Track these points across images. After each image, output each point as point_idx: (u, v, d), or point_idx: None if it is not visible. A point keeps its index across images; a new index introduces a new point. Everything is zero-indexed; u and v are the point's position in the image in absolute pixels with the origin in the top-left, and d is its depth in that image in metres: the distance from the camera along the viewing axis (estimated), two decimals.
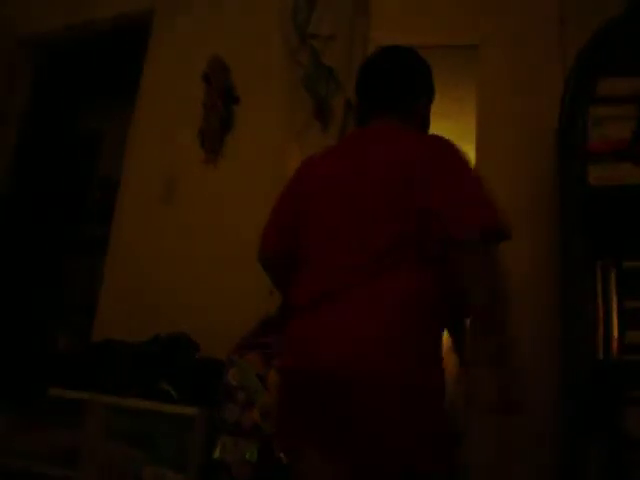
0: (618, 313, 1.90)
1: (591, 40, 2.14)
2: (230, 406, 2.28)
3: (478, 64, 2.71)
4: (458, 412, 2.26)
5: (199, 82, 3.23)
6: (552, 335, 2.16)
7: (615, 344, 1.88)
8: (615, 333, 1.89)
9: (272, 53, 3.04)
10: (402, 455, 1.45)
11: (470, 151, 2.62)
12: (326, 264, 1.63)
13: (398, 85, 1.82)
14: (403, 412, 1.44)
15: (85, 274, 4.33)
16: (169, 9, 3.56)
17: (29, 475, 2.63)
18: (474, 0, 2.82)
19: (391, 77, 1.83)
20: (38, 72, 4.21)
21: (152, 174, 3.32)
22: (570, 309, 2.00)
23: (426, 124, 1.85)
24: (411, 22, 2.82)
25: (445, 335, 1.66)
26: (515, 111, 2.59)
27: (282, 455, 2.17)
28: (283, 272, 1.82)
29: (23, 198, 4.22)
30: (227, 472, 2.22)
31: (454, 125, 2.45)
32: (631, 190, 1.95)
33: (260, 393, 2.24)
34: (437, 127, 1.84)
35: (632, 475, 1.79)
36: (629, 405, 1.83)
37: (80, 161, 5.01)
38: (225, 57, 3.21)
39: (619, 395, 1.85)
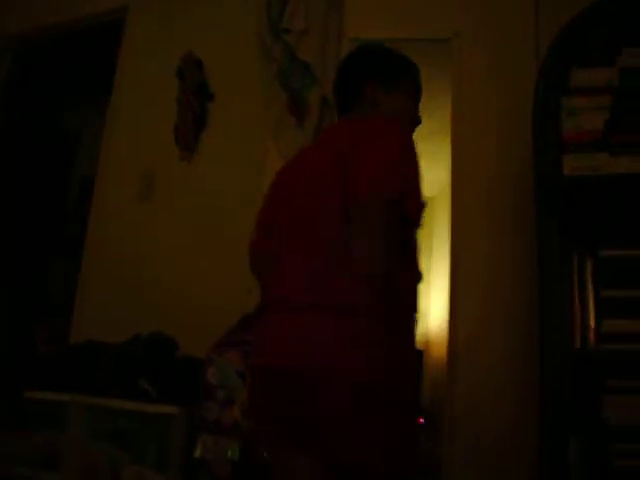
0: (595, 302, 1.90)
1: (563, 30, 2.15)
2: (210, 404, 2.26)
3: (452, 57, 2.71)
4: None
5: (173, 78, 3.21)
6: (529, 325, 2.16)
7: (592, 333, 1.88)
8: (592, 322, 1.89)
9: (246, 49, 3.02)
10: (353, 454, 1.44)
11: (445, 145, 2.64)
12: (278, 266, 1.63)
13: (347, 80, 1.85)
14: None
15: (64, 274, 4.30)
16: (142, 5, 3.53)
17: (11, 479, 2.61)
18: None
19: (343, 75, 1.88)
20: (12, 72, 4.16)
21: (128, 171, 3.31)
22: (546, 299, 2.00)
23: (375, 104, 1.80)
24: (385, 16, 2.81)
25: None
26: (490, 103, 2.60)
27: (264, 452, 2.17)
28: (260, 271, 1.82)
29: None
30: (208, 471, 2.21)
31: (428, 118, 2.44)
32: (606, 180, 1.96)
33: (240, 391, 2.23)
34: None
35: (613, 464, 1.79)
36: (608, 394, 1.84)
37: (59, 161, 4.98)
38: (199, 53, 3.19)
39: (597, 384, 1.85)
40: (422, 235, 1.64)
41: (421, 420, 2.53)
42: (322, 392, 1.44)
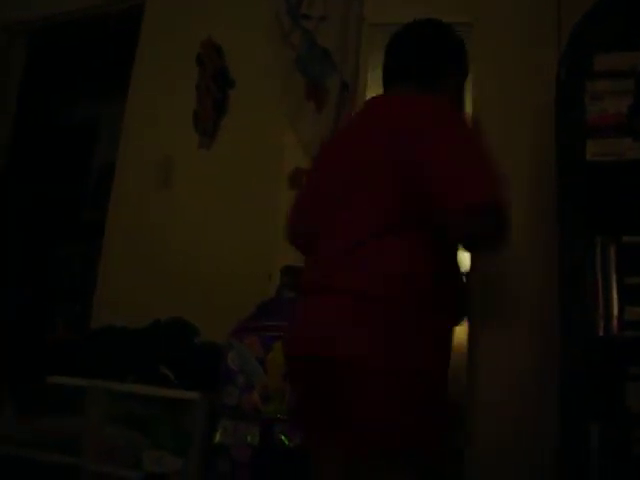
0: (618, 289, 1.89)
1: (586, 15, 2.12)
2: (230, 390, 2.27)
3: (473, 41, 2.68)
4: (459, 397, 2.27)
5: (193, 65, 3.20)
6: (552, 312, 2.14)
7: (615, 321, 1.87)
8: (615, 309, 1.88)
9: (266, 35, 3.00)
10: (386, 440, 1.44)
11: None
12: (323, 249, 1.62)
13: (414, 53, 1.78)
14: (387, 397, 1.43)
15: (83, 260, 4.33)
16: None
17: (31, 463, 2.64)
18: None
19: (408, 45, 1.81)
20: (31, 59, 4.18)
21: (148, 158, 3.31)
22: (569, 286, 1.98)
23: (449, 90, 1.78)
24: (405, 0, 2.78)
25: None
26: (511, 88, 2.57)
27: (283, 437, 2.18)
28: (304, 252, 1.82)
29: (20, 186, 4.21)
30: (227, 455, 2.22)
31: None
32: (630, 165, 1.93)
33: (259, 376, 2.23)
34: None
35: (635, 452, 1.78)
36: (630, 381, 1.82)
37: (78, 148, 5.01)
38: (218, 39, 3.18)
39: (620, 371, 1.84)
40: None
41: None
42: (355, 379, 1.44)
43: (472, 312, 2.37)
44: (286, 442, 2.16)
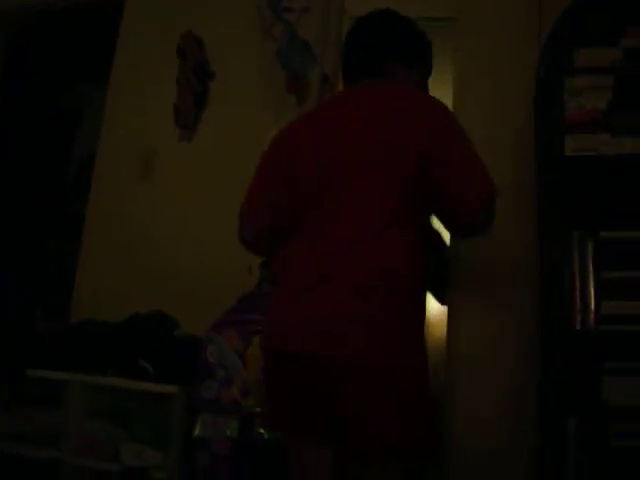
0: (595, 283, 1.90)
1: (565, 11, 2.13)
2: (209, 383, 2.27)
3: (455, 36, 2.69)
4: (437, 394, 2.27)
5: (174, 57, 3.18)
6: (529, 306, 2.16)
7: (592, 315, 1.88)
8: (592, 304, 1.89)
9: (247, 27, 2.99)
10: (383, 439, 1.44)
11: None
12: (320, 244, 1.60)
13: (365, 55, 1.80)
14: (384, 395, 1.44)
15: (63, 254, 4.30)
16: None
17: (11, 457, 2.62)
18: None
19: (360, 48, 1.83)
20: (10, 50, 4.14)
21: (128, 150, 3.29)
22: (547, 280, 2.00)
23: (394, 78, 1.79)
24: None
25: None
26: (492, 83, 2.58)
27: (263, 430, 2.18)
28: (271, 247, 1.81)
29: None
30: (207, 449, 2.22)
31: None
32: (608, 160, 1.95)
33: (238, 370, 2.23)
34: None
35: (612, 446, 1.80)
36: (607, 375, 1.84)
37: (58, 140, 4.97)
38: (199, 32, 3.16)
39: (597, 366, 1.86)
40: None
41: None
42: (353, 378, 1.45)
43: (451, 307, 2.39)
44: (265, 435, 2.17)
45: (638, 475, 1.76)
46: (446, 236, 2.08)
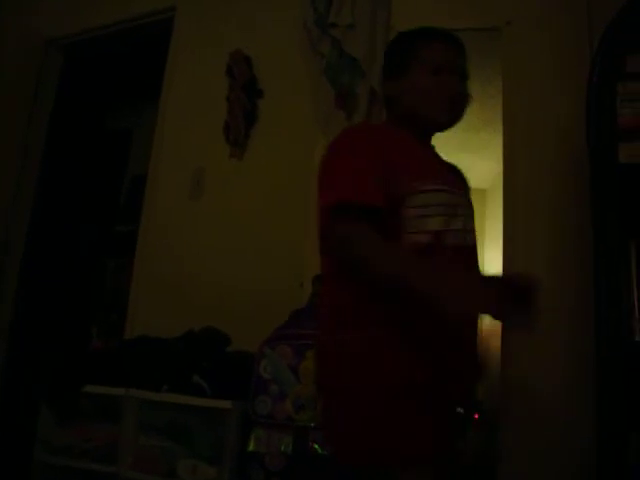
0: None
1: (618, 15, 2.09)
2: (262, 398, 2.28)
3: (503, 46, 2.67)
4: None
5: (223, 76, 3.23)
6: (586, 318, 2.11)
7: None
8: None
9: (294, 44, 3.02)
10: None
11: (498, 135, 2.59)
12: None
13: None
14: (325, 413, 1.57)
15: (116, 272, 4.38)
16: (190, 4, 3.57)
17: (68, 471, 2.67)
18: None
19: None
20: (64, 74, 4.25)
21: (179, 170, 3.35)
22: (603, 290, 1.95)
23: (391, 102, 1.70)
24: (433, 7, 2.78)
25: None
26: (543, 92, 2.55)
27: (316, 446, 2.17)
28: None
29: (55, 198, 4.27)
30: (261, 464, 2.22)
31: (479, 108, 2.42)
32: None
33: (292, 385, 2.23)
34: None
35: None
36: None
37: (111, 162, 5.07)
38: (247, 50, 3.20)
39: None
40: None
41: (475, 415, 2.51)
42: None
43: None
44: (319, 450, 2.16)
45: None
46: None
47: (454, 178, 1.68)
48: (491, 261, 2.77)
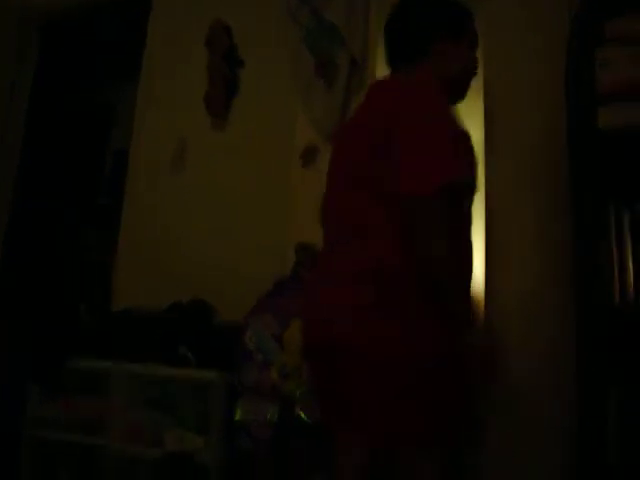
0: (633, 257, 1.87)
1: None
2: (248, 368, 2.30)
3: (484, 9, 2.62)
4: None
5: (203, 47, 3.20)
6: (565, 283, 2.13)
7: (631, 288, 1.85)
8: (631, 278, 1.86)
9: (274, 13, 2.98)
10: (366, 425, 1.49)
11: (478, 99, 2.57)
12: (324, 237, 1.72)
13: (412, 34, 1.79)
14: (372, 381, 1.45)
15: (102, 246, 4.36)
16: None
17: (56, 444, 2.69)
18: None
19: (405, 28, 1.82)
20: (44, 48, 4.19)
21: (161, 142, 3.33)
22: (583, 254, 1.96)
23: (444, 56, 1.76)
24: None
25: None
26: (523, 57, 2.53)
27: (302, 414, 2.20)
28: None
29: (36, 172, 4.24)
30: (248, 433, 2.25)
31: None
32: None
33: (277, 354, 2.25)
34: None
35: None
36: None
37: (93, 135, 5.04)
38: (227, 20, 3.16)
39: (637, 340, 1.83)
40: None
41: None
42: (344, 367, 1.48)
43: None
44: (305, 418, 2.18)
45: None
46: None
47: None
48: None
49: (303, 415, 2.19)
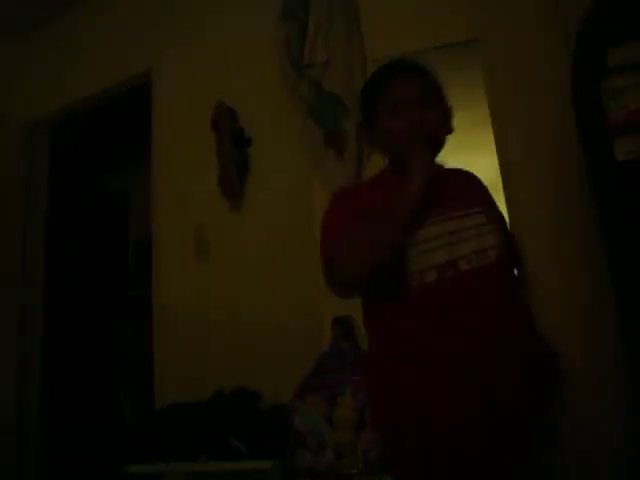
0: None
1: (591, 11, 2.06)
2: (302, 452, 2.25)
3: (485, 55, 2.62)
4: None
5: (209, 130, 3.22)
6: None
7: None
8: None
9: (276, 90, 2.98)
10: None
11: (488, 142, 2.55)
12: None
13: None
14: None
15: (133, 336, 4.37)
16: (165, 64, 3.57)
17: None
18: None
19: None
20: (55, 149, 4.26)
21: (181, 229, 3.35)
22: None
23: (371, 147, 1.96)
24: (404, 29, 2.76)
25: None
26: (528, 97, 2.49)
27: None
28: None
29: (63, 274, 4.28)
30: None
31: (479, 106, 2.51)
32: None
33: (329, 434, 2.21)
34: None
35: None
36: None
37: (112, 226, 5.10)
38: (230, 101, 3.19)
39: None
40: None
41: None
42: None
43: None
44: None
45: None
46: None
47: (459, 197, 1.67)
48: None
49: None
